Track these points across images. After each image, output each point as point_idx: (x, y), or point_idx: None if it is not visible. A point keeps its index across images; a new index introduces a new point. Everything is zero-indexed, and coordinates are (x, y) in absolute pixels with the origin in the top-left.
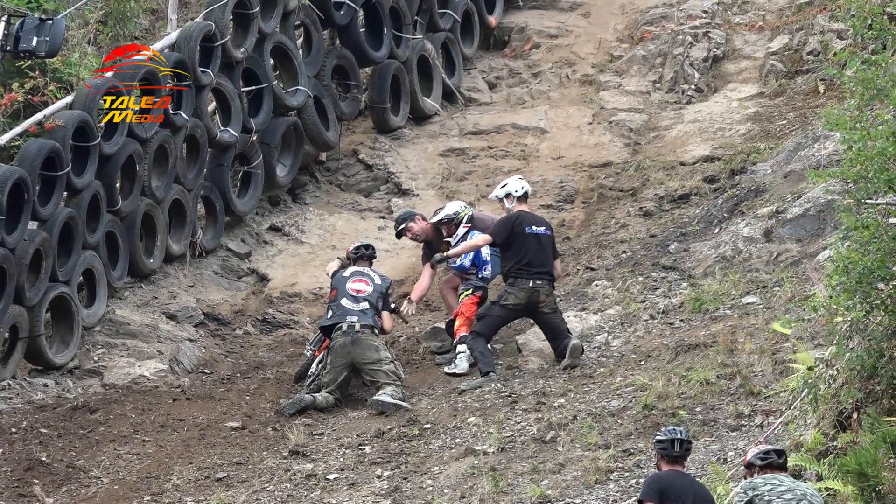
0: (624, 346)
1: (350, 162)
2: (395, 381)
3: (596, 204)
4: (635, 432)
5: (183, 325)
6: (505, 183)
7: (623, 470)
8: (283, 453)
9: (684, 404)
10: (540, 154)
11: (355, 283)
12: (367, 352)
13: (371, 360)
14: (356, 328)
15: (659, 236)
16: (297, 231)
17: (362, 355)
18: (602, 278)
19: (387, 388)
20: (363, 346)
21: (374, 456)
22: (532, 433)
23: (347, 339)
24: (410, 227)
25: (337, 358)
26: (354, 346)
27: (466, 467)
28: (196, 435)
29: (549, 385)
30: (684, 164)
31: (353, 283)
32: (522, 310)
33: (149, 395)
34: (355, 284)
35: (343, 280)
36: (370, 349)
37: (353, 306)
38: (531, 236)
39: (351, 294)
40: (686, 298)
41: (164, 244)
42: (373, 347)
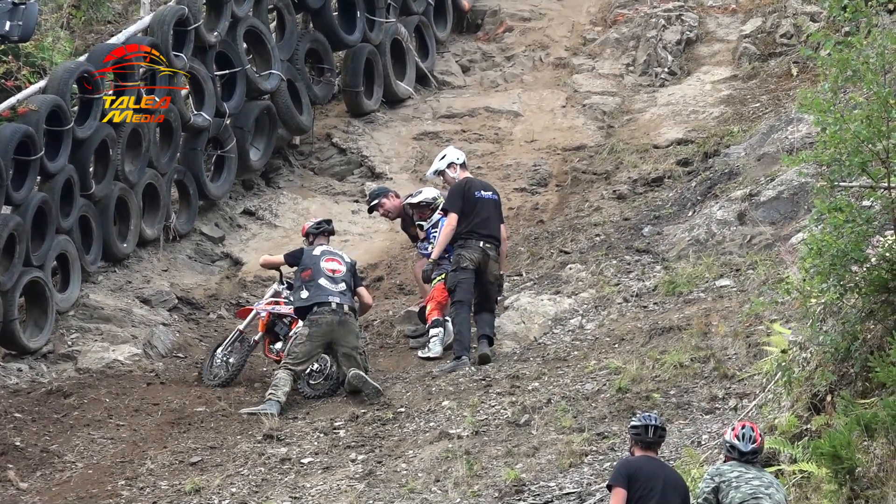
0: (598, 329)
1: (324, 146)
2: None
3: (569, 187)
4: (609, 415)
5: (157, 310)
6: (443, 154)
7: (597, 453)
8: (257, 437)
9: (658, 387)
10: (514, 137)
11: (329, 263)
12: (349, 336)
13: (351, 346)
14: (344, 308)
15: (633, 219)
16: (271, 215)
17: (344, 338)
18: (576, 261)
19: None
20: (348, 329)
21: (348, 440)
22: (506, 416)
23: (335, 318)
24: (383, 203)
25: (318, 333)
26: (341, 327)
27: (441, 451)
28: (170, 419)
29: (523, 369)
30: (658, 147)
31: (327, 262)
32: (476, 270)
33: (123, 380)
34: (329, 264)
35: (316, 259)
36: (352, 334)
37: (332, 287)
38: (480, 200)
39: (328, 274)
40: (660, 281)
41: (137, 228)
42: (354, 333)
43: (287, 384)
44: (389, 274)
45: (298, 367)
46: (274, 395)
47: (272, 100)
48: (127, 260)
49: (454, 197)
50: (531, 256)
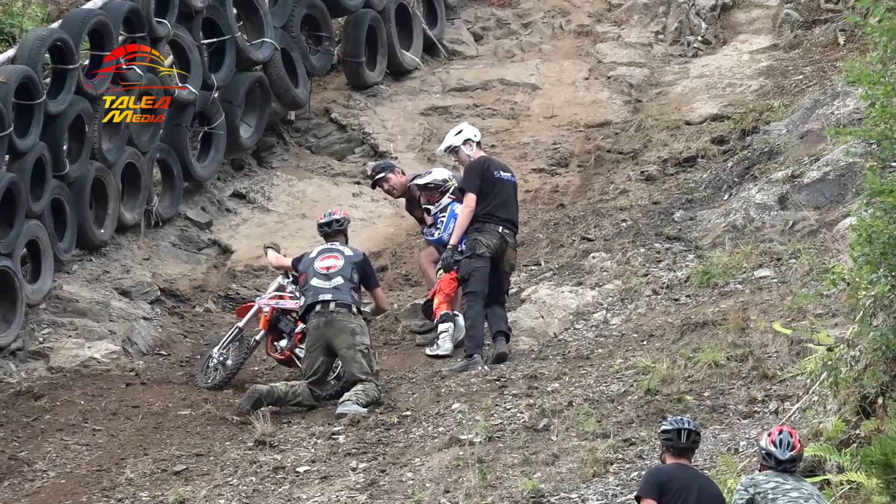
0: (624, 324)
1: (321, 122)
2: (365, 376)
3: (593, 168)
4: (637, 420)
5: (137, 303)
6: (459, 129)
7: (623, 461)
8: (247, 443)
9: (691, 389)
10: (531, 113)
11: (324, 261)
12: (340, 334)
13: (345, 345)
14: (330, 307)
15: (662, 203)
16: (263, 198)
17: (336, 338)
18: (600, 250)
19: (356, 386)
20: (337, 327)
21: (348, 446)
22: (523, 421)
23: (321, 319)
24: (388, 177)
25: (311, 342)
26: (328, 327)
27: (450, 458)
28: (152, 423)
29: (541, 368)
30: (690, 123)
31: (322, 260)
32: (492, 258)
33: (99, 380)
34: (324, 262)
35: (310, 261)
36: (344, 332)
37: (324, 284)
38: (500, 182)
39: (320, 272)
40: (693, 272)
41: (116, 213)
42: (348, 330)
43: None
44: (394, 263)
45: (314, 380)
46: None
47: (265, 71)
48: (104, 247)
49: (472, 175)
50: (550, 244)
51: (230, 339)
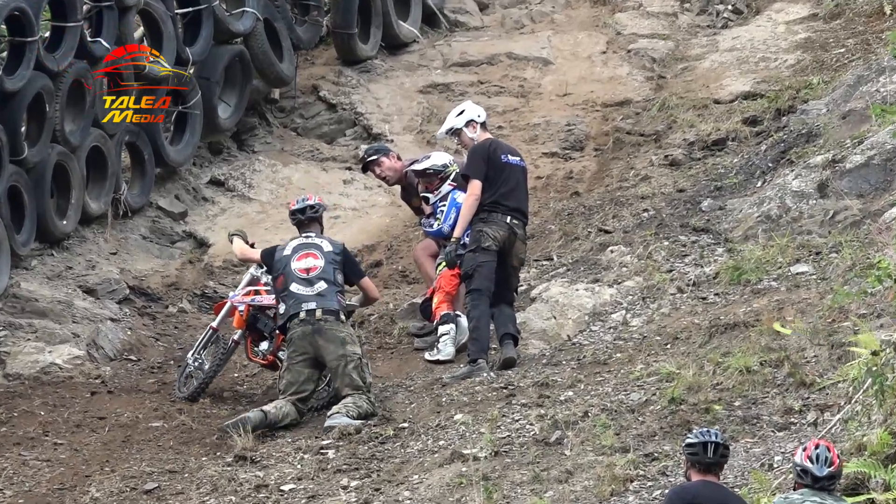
0: (646, 326)
1: (309, 101)
2: (357, 389)
3: (611, 151)
4: (660, 432)
5: (103, 302)
6: (461, 109)
7: (645, 478)
8: (226, 459)
9: (720, 397)
10: (542, 90)
11: (302, 261)
12: (330, 344)
13: (335, 357)
14: (317, 315)
15: (688, 191)
16: (244, 185)
17: (325, 348)
18: (619, 243)
19: (345, 399)
20: (326, 336)
21: (338, 462)
22: (533, 433)
23: (307, 328)
24: (382, 161)
25: (296, 353)
26: (316, 337)
27: (452, 475)
28: (120, 437)
29: (554, 375)
30: (719, 102)
31: (299, 260)
32: (499, 252)
33: (61, 388)
34: (302, 262)
35: (286, 260)
36: (334, 342)
37: (307, 291)
38: (508, 167)
39: (299, 276)
40: (722, 267)
41: (80, 202)
42: (338, 340)
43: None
44: (390, 258)
45: (294, 398)
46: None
47: (245, 44)
48: (67, 241)
49: (477, 160)
50: (564, 236)
51: (204, 341)
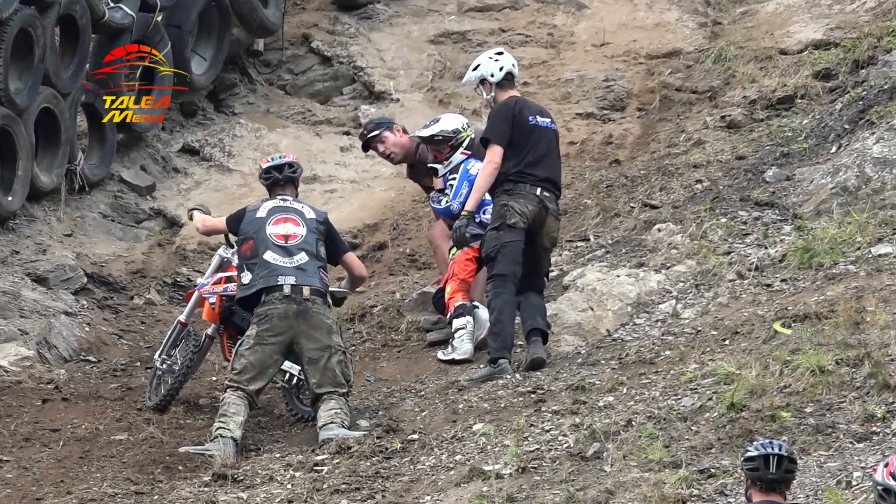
0: (700, 318)
1: (299, 53)
2: (339, 387)
3: (658, 112)
4: (717, 444)
5: (56, 293)
6: (476, 64)
7: (700, 498)
8: (203, 478)
9: (788, 403)
10: (575, 40)
11: (278, 226)
12: (316, 331)
13: (319, 347)
14: (304, 293)
15: (749, 158)
16: (222, 154)
17: (309, 335)
18: (667, 220)
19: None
20: (314, 321)
21: (336, 480)
22: (567, 446)
23: (291, 307)
24: (385, 137)
25: (270, 332)
26: (301, 320)
27: (471, 496)
28: (77, 452)
29: (591, 376)
30: (786, 52)
31: (275, 225)
32: (527, 230)
33: (7, 395)
34: (278, 227)
35: (259, 224)
36: (320, 329)
37: (285, 261)
38: (536, 130)
39: (275, 242)
40: (790, 248)
41: (27, 174)
42: (324, 327)
43: (241, 410)
44: (396, 239)
45: (251, 386)
46: (224, 428)
47: None
48: (13, 220)
49: (499, 121)
50: (602, 213)
51: (173, 338)
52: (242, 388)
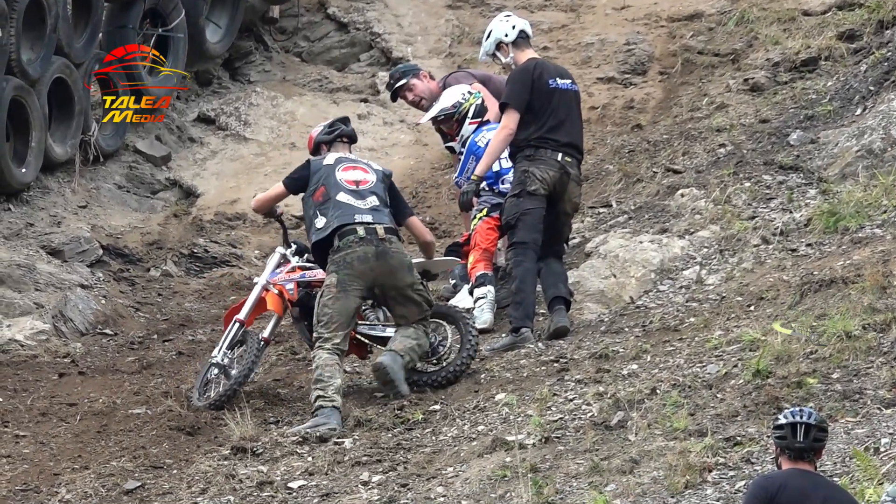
0: (724, 284)
1: (315, 19)
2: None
3: (680, 75)
4: (743, 411)
5: (72, 265)
6: (488, 31)
7: (726, 467)
8: (222, 451)
9: (815, 369)
10: (596, 3)
11: (347, 173)
12: (398, 272)
13: (402, 285)
14: (379, 233)
15: (773, 121)
16: (239, 123)
17: (391, 277)
18: (691, 185)
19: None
20: (394, 261)
21: (357, 453)
22: (590, 415)
23: (369, 248)
24: (413, 84)
25: (352, 277)
26: (381, 261)
27: (494, 467)
28: (94, 427)
29: (614, 344)
30: (809, 13)
31: (344, 171)
32: (548, 196)
33: (23, 369)
34: (349, 174)
35: (329, 170)
36: (401, 269)
37: (359, 203)
38: (557, 93)
39: (347, 187)
40: (815, 213)
41: (41, 146)
42: (406, 265)
43: (335, 372)
44: (415, 207)
45: (339, 341)
46: (323, 397)
47: None
48: (27, 192)
49: (518, 86)
50: (624, 178)
51: (231, 338)
52: (329, 348)
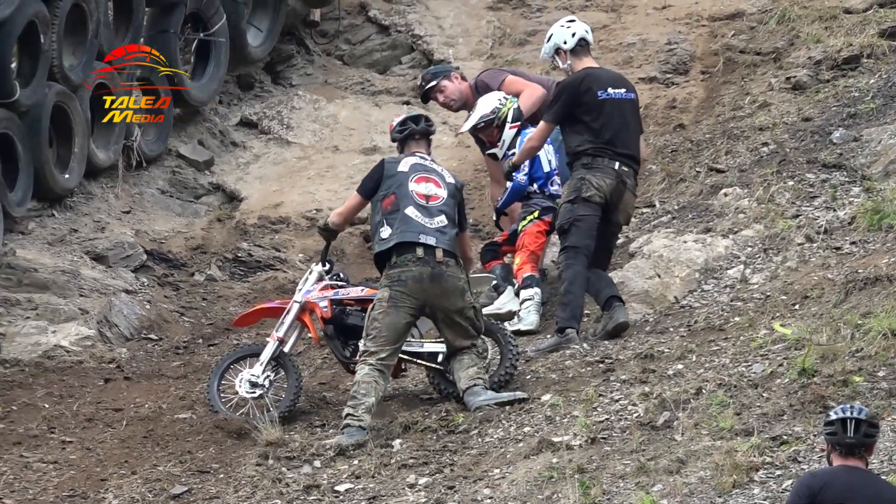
0: (769, 283)
1: (356, 22)
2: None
3: (722, 74)
4: (789, 410)
5: (116, 271)
6: (549, 35)
7: (772, 466)
8: (268, 455)
9: (860, 367)
10: (637, 2)
11: (420, 184)
12: (450, 295)
13: (455, 310)
14: (437, 255)
15: (816, 120)
16: (281, 126)
17: (443, 300)
18: (734, 184)
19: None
20: (448, 285)
21: (404, 455)
22: (636, 416)
23: (425, 269)
24: (444, 86)
25: (405, 295)
26: (434, 284)
27: (541, 468)
28: (140, 432)
29: (659, 344)
30: (851, 11)
31: (417, 182)
32: (603, 205)
33: (69, 376)
34: (420, 186)
35: (402, 178)
36: (454, 293)
37: (426, 221)
38: (608, 103)
39: (419, 202)
40: (859, 210)
41: (84, 151)
42: (458, 290)
43: (371, 390)
44: None
45: (385, 356)
46: (353, 416)
47: None
48: (70, 198)
49: (559, 100)
50: (667, 178)
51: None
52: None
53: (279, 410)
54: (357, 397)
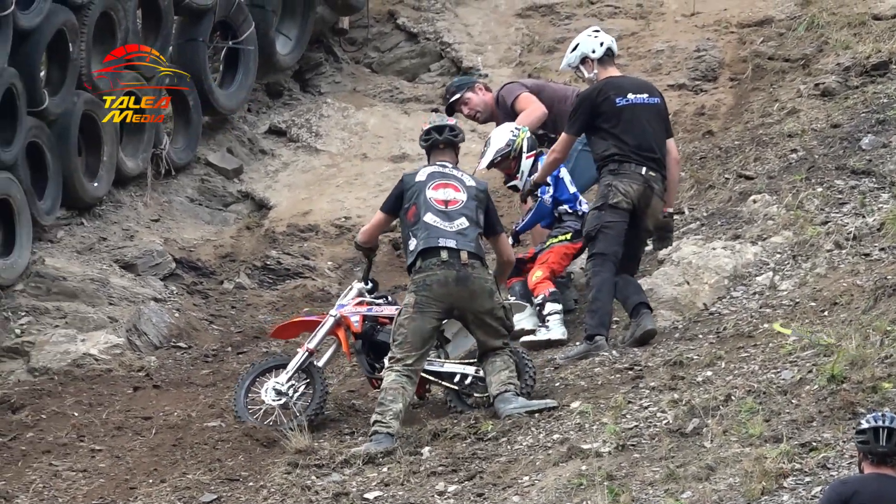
0: (798, 289)
1: (385, 30)
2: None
3: (750, 81)
4: (818, 417)
5: (145, 279)
6: (575, 44)
7: (802, 472)
8: (297, 463)
9: (890, 373)
10: (665, 9)
11: (438, 191)
12: (478, 298)
13: (483, 311)
14: (462, 258)
15: (845, 126)
16: (310, 134)
17: (471, 302)
18: (763, 190)
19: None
20: (473, 287)
21: (433, 463)
22: (665, 423)
23: (450, 272)
24: (468, 98)
25: (431, 299)
26: (461, 286)
27: (570, 475)
28: (169, 440)
29: (688, 351)
30: (880, 18)
31: (435, 189)
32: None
33: (98, 384)
34: (438, 192)
35: (420, 187)
36: (482, 295)
37: (444, 225)
38: (628, 109)
39: (436, 207)
40: (888, 217)
41: (113, 160)
42: (486, 292)
43: (398, 397)
44: None
45: (412, 362)
46: (381, 423)
47: None
48: (99, 207)
49: (577, 111)
50: (696, 185)
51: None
52: (400, 369)
53: (305, 415)
54: (385, 403)
